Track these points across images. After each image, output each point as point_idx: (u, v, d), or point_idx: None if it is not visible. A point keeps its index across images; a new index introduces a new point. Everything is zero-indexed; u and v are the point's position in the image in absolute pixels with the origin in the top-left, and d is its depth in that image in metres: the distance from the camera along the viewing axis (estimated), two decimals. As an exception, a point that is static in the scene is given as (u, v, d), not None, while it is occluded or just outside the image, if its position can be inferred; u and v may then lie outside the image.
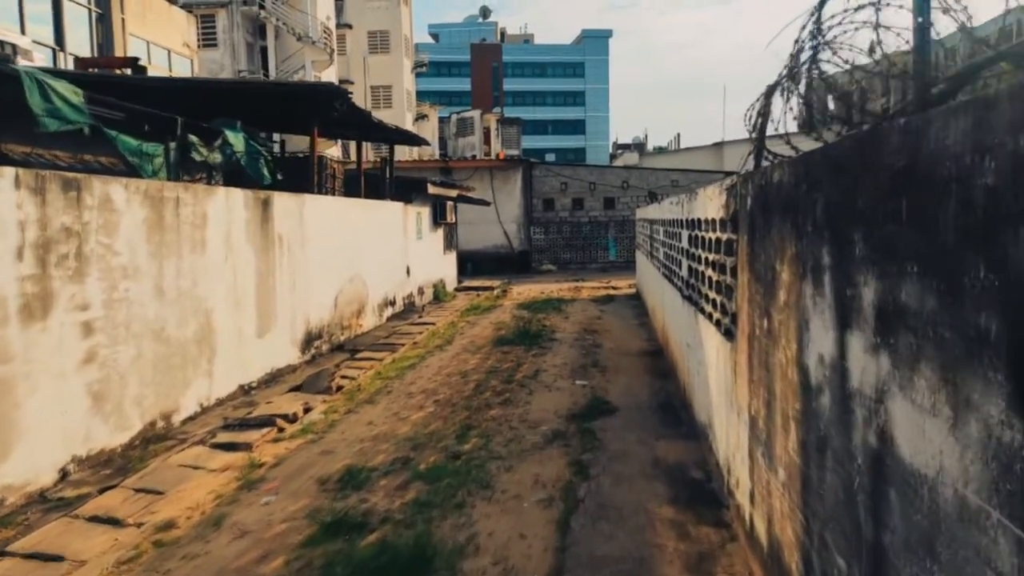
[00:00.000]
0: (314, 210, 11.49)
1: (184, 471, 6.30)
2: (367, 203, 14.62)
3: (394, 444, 6.89)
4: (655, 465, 6.07)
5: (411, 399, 8.52)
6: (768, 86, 4.34)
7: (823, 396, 2.76)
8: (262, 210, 9.74)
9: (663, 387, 8.73)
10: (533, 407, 7.99)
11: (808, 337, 2.93)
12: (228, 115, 10.87)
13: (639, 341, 12.06)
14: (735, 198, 4.56)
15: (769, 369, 3.64)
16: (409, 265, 17.14)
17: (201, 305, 8.21)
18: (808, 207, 2.89)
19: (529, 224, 30.72)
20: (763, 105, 4.32)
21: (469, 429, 7.24)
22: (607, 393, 8.52)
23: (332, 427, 7.61)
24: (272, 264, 9.96)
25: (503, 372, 9.71)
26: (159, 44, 23.09)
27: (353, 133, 15.42)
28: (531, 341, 11.96)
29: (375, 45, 49.83)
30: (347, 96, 11.32)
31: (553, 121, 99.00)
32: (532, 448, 6.63)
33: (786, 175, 3.24)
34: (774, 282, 3.50)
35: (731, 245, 4.85)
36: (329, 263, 12.06)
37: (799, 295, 3.06)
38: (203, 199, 8.31)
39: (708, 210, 5.78)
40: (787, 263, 3.25)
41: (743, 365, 4.36)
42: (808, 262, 2.92)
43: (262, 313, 9.62)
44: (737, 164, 19.72)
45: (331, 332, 12.10)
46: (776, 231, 3.45)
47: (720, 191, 5.13)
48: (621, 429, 7.09)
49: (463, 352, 11.40)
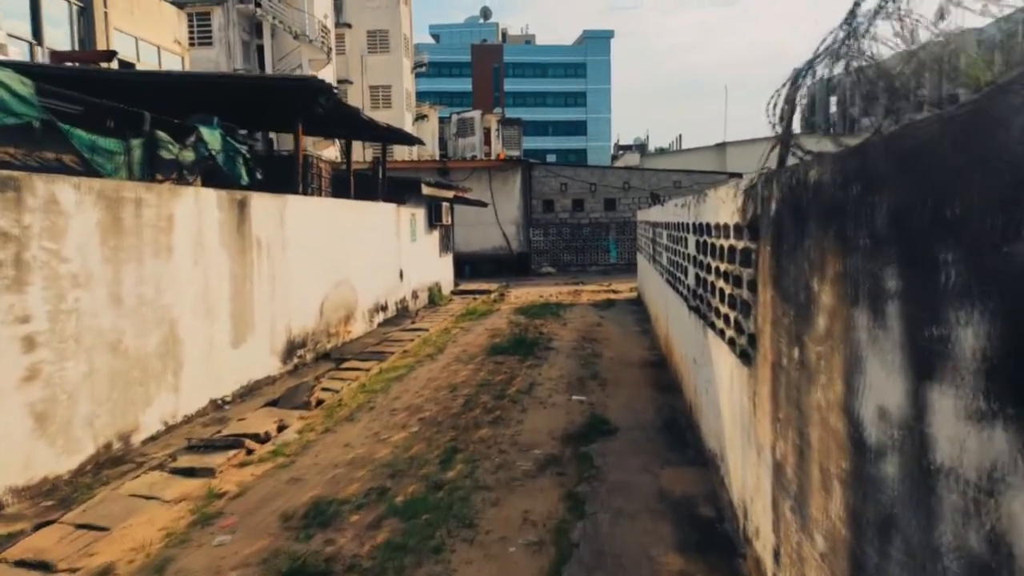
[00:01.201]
0: (297, 212, 10.85)
1: (134, 502, 5.66)
2: (357, 204, 13.97)
3: (371, 470, 6.24)
4: (660, 499, 5.42)
5: (394, 416, 7.87)
6: (796, 69, 3.70)
7: (886, 462, 2.11)
8: (238, 212, 9.10)
9: (667, 403, 8.08)
10: (526, 427, 7.34)
11: (863, 382, 2.28)
12: (209, 112, 10.23)
13: (640, 350, 11.41)
14: (755, 201, 3.91)
15: (802, 410, 2.99)
16: (402, 268, 16.50)
17: (166, 314, 7.57)
18: (864, 213, 2.24)
19: (528, 226, 30.08)
20: (790, 91, 3.68)
21: (455, 453, 6.60)
22: (606, 410, 7.87)
23: (306, 449, 6.97)
24: (249, 269, 9.32)
25: (495, 386, 9.06)
26: (148, 41, 22.46)
27: (342, 131, 14.77)
28: (527, 350, 11.31)
29: (374, 45, 49.25)
30: (332, 91, 10.69)
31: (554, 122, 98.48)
32: (523, 477, 5.98)
33: (830, 173, 2.59)
34: (810, 305, 2.86)
35: (748, 255, 4.20)
36: (314, 267, 11.42)
37: (848, 325, 2.41)
38: (169, 200, 7.67)
39: (720, 214, 5.13)
40: (830, 283, 2.60)
41: (764, 397, 3.71)
42: (863, 285, 2.27)
43: (237, 321, 8.98)
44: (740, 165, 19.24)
45: (316, 340, 11.46)
46: (813, 242, 2.80)
47: (735, 193, 4.49)
48: (621, 454, 6.44)
49: (454, 362, 10.75)
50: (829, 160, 2.61)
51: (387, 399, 8.68)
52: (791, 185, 3.13)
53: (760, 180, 3.73)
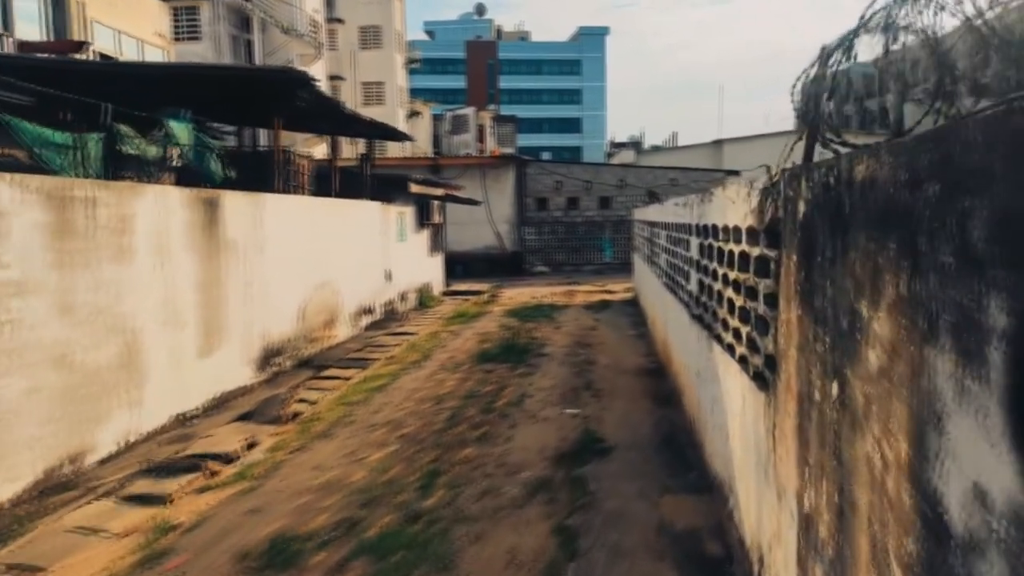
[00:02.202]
0: (275, 211, 10.25)
1: (75, 538, 5.07)
2: (340, 203, 13.37)
3: (343, 497, 5.66)
4: (661, 533, 4.86)
5: (373, 433, 7.29)
6: (825, 47, 3.13)
7: (984, 562, 1.55)
8: (208, 211, 8.50)
9: (665, 416, 7.52)
10: (515, 444, 6.77)
11: (943, 446, 1.71)
12: (186, 106, 9.63)
13: (637, 357, 10.86)
14: (776, 201, 3.35)
15: (844, 462, 2.43)
16: (390, 269, 15.91)
17: (125, 323, 6.97)
18: (947, 222, 1.68)
19: (522, 224, 29.50)
20: (819, 71, 3.11)
21: (436, 476, 6.03)
22: (601, 425, 7.31)
23: (274, 471, 6.39)
24: (221, 273, 8.72)
25: (483, 397, 8.49)
26: (129, 34, 21.77)
27: (326, 127, 14.15)
28: (518, 357, 10.74)
29: (366, 40, 48.58)
30: (313, 83, 10.09)
31: (549, 119, 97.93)
32: (510, 505, 5.41)
33: (890, 168, 2.02)
34: (856, 333, 2.29)
35: (765, 264, 3.64)
36: (293, 269, 10.83)
37: (918, 368, 1.85)
38: (128, 199, 7.07)
39: (729, 215, 4.57)
40: (888, 310, 2.04)
41: (788, 433, 3.15)
42: (944, 317, 1.71)
43: (207, 329, 8.39)
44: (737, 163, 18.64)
45: (295, 346, 10.87)
46: (862, 255, 2.24)
47: (749, 191, 3.92)
48: (618, 477, 5.88)
49: (441, 370, 10.17)
50: (888, 152, 2.04)
51: (367, 412, 8.10)
52: (827, 183, 2.57)
53: (783, 177, 3.17)
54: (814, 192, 2.73)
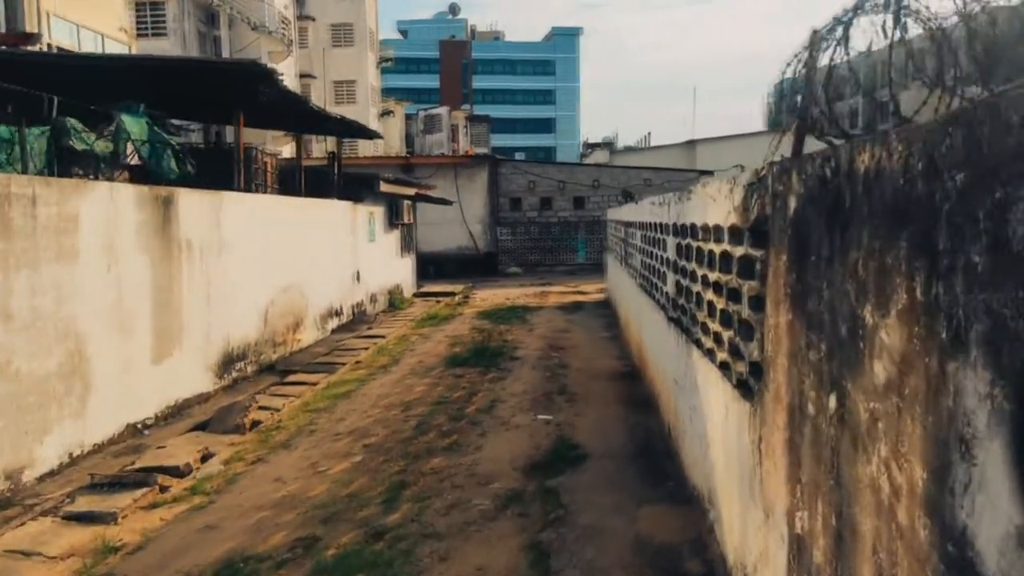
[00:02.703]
0: (236, 210, 9.85)
1: (6, 563, 4.68)
2: (307, 202, 12.98)
3: (302, 513, 5.33)
4: (638, 549, 4.61)
5: (337, 442, 6.96)
6: (816, 30, 2.90)
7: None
8: (163, 210, 8.09)
9: (641, 423, 7.29)
10: (485, 454, 6.49)
11: (972, 478, 1.47)
12: (140, 100, 9.20)
13: (611, 360, 10.63)
14: (763, 198, 3.11)
15: (843, 483, 2.19)
16: (359, 270, 15.52)
17: (70, 329, 6.56)
18: (970, 216, 1.44)
19: (495, 224, 29.22)
20: (810, 58, 2.88)
21: (402, 488, 5.72)
22: (575, 432, 7.06)
23: (230, 484, 6.04)
24: (176, 275, 8.32)
25: (453, 403, 8.18)
26: (90, 28, 21.07)
27: (291, 124, 13.73)
28: (489, 361, 10.45)
29: (338, 38, 47.97)
30: (274, 77, 9.71)
31: (523, 119, 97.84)
32: (479, 519, 5.13)
33: (897, 156, 1.78)
34: (858, 341, 2.05)
35: (750, 265, 3.41)
36: (257, 271, 10.43)
37: (936, 383, 1.61)
38: (73, 197, 6.66)
39: (709, 214, 4.34)
40: (899, 317, 1.80)
41: (777, 447, 2.91)
42: (970, 324, 1.47)
43: (162, 334, 7.98)
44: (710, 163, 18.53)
45: (259, 351, 10.47)
46: (864, 255, 2.00)
47: (732, 187, 3.69)
48: (592, 488, 5.62)
49: (410, 375, 9.85)
50: (899, 139, 1.79)
51: (331, 420, 7.76)
52: (823, 176, 2.33)
53: (771, 171, 2.93)
54: (807, 186, 2.49)
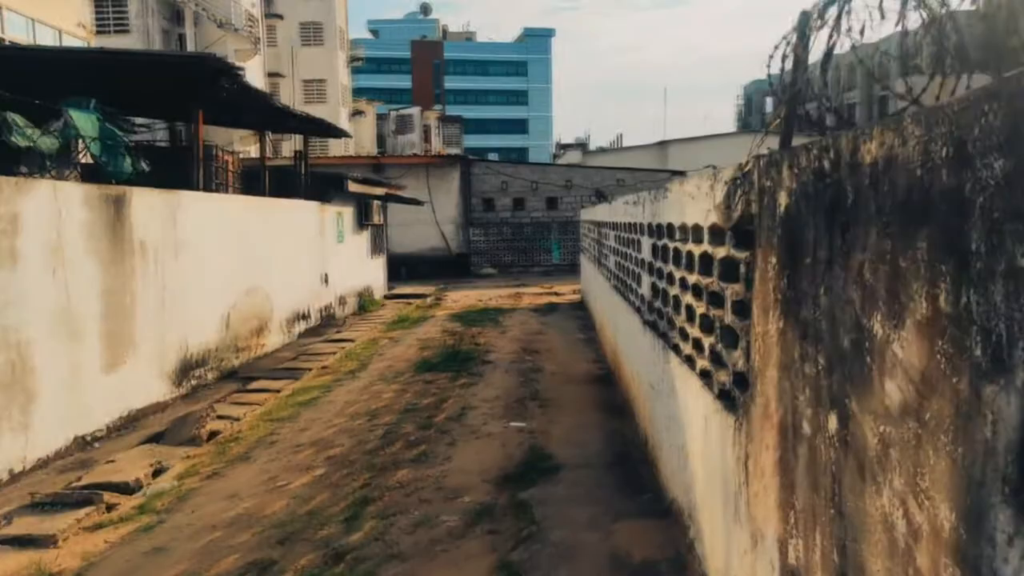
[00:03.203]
0: (195, 211, 9.43)
1: (-72, 596, 4.29)
2: (272, 202, 12.56)
3: (258, 533, 5.00)
4: (614, 567, 4.35)
5: (298, 454, 6.62)
6: (804, 12, 2.66)
7: None
8: (114, 211, 7.68)
9: (617, 429, 7.05)
10: (454, 465, 6.19)
11: (1019, 530, 1.22)
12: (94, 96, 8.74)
13: (585, 363, 10.40)
14: (747, 195, 2.86)
15: (845, 515, 1.94)
16: (327, 272, 15.12)
17: (10, 337, 6.14)
18: (1013, 211, 1.19)
19: (468, 225, 28.90)
20: (797, 45, 2.64)
21: (365, 504, 5.40)
22: (548, 440, 6.79)
23: (182, 502, 5.67)
24: (129, 279, 7.90)
25: (422, 411, 7.87)
26: (46, 23, 20.37)
27: (255, 121, 13.30)
28: (460, 365, 10.15)
29: (308, 37, 47.31)
30: (235, 72, 9.32)
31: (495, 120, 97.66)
32: (447, 537, 4.84)
33: (915, 142, 1.53)
34: (865, 356, 1.81)
35: (734, 267, 3.16)
36: (217, 274, 10.02)
37: (967, 408, 1.36)
38: (12, 197, 6.23)
39: (688, 213, 4.09)
40: (917, 328, 1.55)
41: (767, 468, 2.66)
42: (1015, 341, 1.22)
43: (113, 341, 7.56)
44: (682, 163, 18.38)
45: (220, 356, 10.06)
46: (873, 257, 1.75)
47: (712, 184, 3.44)
48: (567, 501, 5.36)
49: (378, 381, 9.51)
50: (916, 122, 1.54)
51: (293, 430, 7.40)
52: (820, 169, 2.08)
53: (758, 165, 2.68)
54: (801, 180, 2.25)
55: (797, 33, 2.63)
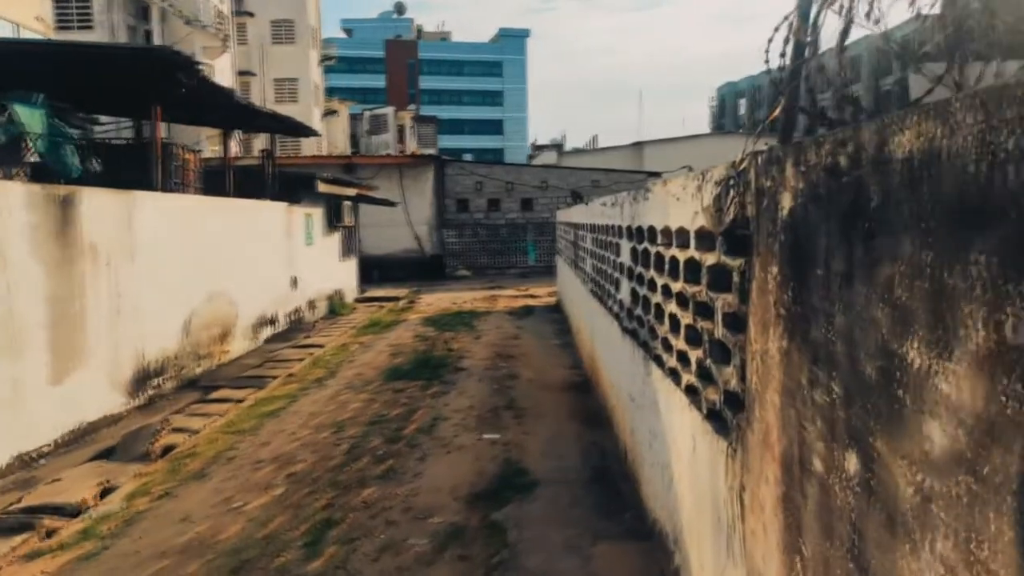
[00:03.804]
0: (152, 212, 8.98)
1: None
2: (237, 203, 12.11)
3: (209, 562, 4.61)
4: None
5: (257, 472, 6.23)
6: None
7: None
8: (61, 212, 7.22)
9: (596, 441, 6.76)
10: (424, 482, 5.85)
11: None
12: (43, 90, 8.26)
13: (562, 369, 10.11)
14: (741, 196, 2.57)
15: (869, 572, 1.64)
16: (295, 275, 14.67)
17: (-59, 349, 5.68)
18: None
19: (442, 226, 28.50)
20: (799, 29, 2.35)
21: (328, 527, 5.04)
22: (524, 453, 6.48)
23: (130, 526, 5.26)
24: (79, 284, 7.44)
25: (391, 423, 7.51)
26: (3, 17, 19.68)
27: (218, 118, 12.82)
28: (432, 373, 9.80)
29: (279, 35, 46.56)
30: (194, 66, 8.88)
31: (470, 121, 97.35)
32: (415, 564, 4.50)
33: (970, 133, 1.24)
34: (896, 388, 1.51)
35: (725, 275, 2.87)
36: (177, 278, 9.56)
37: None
38: (-55, 196, 5.78)
39: (672, 215, 3.81)
40: (971, 363, 1.26)
41: (767, 504, 2.37)
42: None
43: (61, 351, 7.10)
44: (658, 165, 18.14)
45: (180, 365, 9.60)
46: (907, 271, 1.46)
47: (699, 184, 3.15)
48: (543, 521, 5.05)
49: (346, 389, 9.12)
50: (967, 106, 1.25)
51: (254, 444, 7.00)
52: (834, 166, 1.79)
53: (755, 163, 2.39)
54: (810, 179, 1.96)
55: (798, 14, 2.35)
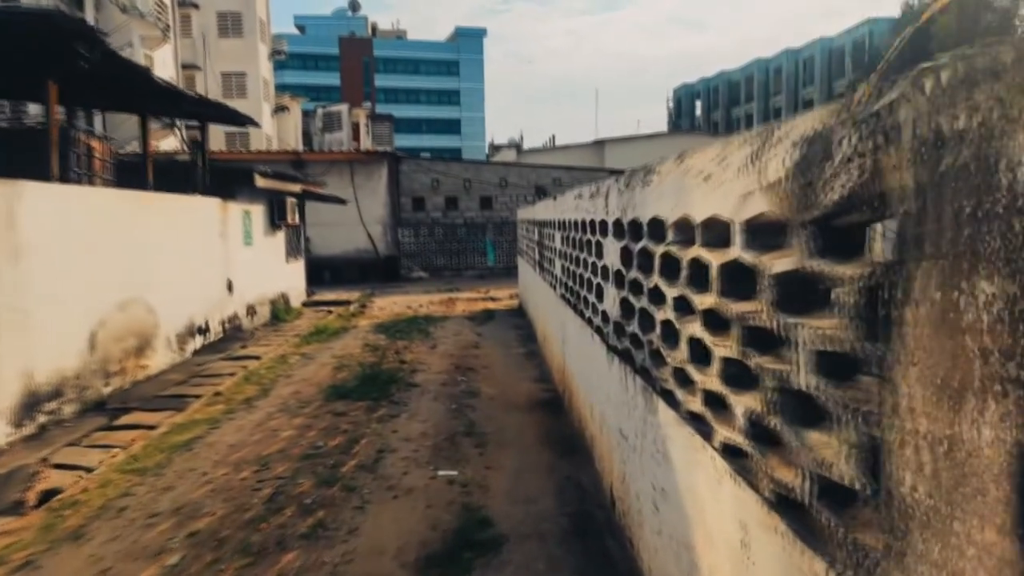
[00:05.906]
0: (46, 206, 7.58)
1: None
2: (157, 198, 10.69)
3: (58, 677, 3.36)
4: None
5: (150, 529, 4.95)
6: None
7: None
8: (-88, 203, 5.82)
9: (571, 477, 5.66)
10: (362, 540, 4.66)
11: None
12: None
13: (528, 383, 8.99)
14: (879, 151, 1.47)
15: None
16: (231, 279, 13.26)
17: None
18: None
19: (397, 226, 27.17)
20: None
21: (230, 614, 3.83)
22: (487, 496, 5.34)
23: (-35, 616, 3.97)
24: (-62, 292, 6.05)
25: (327, 457, 6.29)
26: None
27: (135, 102, 11.35)
28: (381, 391, 8.57)
29: (225, 28, 44.67)
30: (97, 37, 7.51)
31: (427, 120, 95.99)
32: (341, 673, 3.32)
33: None
34: None
35: (807, 289, 1.78)
36: (79, 283, 8.16)
37: None
38: None
39: (696, 200, 2.71)
40: None
41: None
42: None
43: (-90, 376, 5.71)
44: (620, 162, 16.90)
45: (83, 384, 8.20)
46: None
47: (761, 146, 2.06)
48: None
49: (279, 412, 7.85)
50: None
51: (155, 489, 5.71)
52: None
53: (923, 86, 1.28)
54: None
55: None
